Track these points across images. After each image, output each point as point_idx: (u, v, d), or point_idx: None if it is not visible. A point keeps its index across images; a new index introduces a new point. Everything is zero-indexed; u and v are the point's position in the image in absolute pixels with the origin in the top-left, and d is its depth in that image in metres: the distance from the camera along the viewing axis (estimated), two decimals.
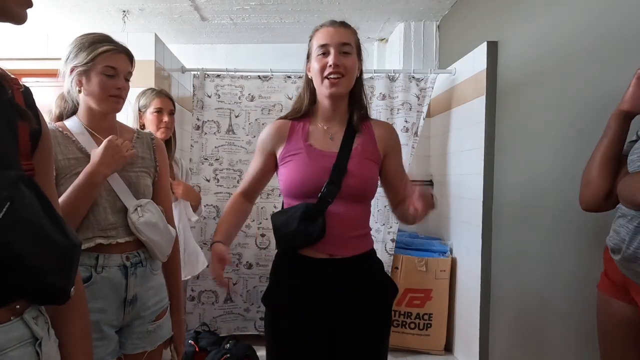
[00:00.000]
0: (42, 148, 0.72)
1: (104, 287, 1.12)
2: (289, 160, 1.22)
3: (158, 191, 1.29)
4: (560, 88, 1.69)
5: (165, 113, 1.91)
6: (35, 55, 2.71)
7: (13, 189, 0.59)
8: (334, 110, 1.23)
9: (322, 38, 1.18)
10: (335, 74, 1.15)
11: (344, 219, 1.17)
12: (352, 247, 1.20)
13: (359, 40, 1.24)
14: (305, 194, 1.18)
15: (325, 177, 1.16)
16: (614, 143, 1.10)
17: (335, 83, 1.16)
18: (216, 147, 2.84)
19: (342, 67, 1.15)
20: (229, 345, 2.30)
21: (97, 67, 1.14)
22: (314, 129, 1.25)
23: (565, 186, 1.63)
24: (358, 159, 1.19)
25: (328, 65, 1.15)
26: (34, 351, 0.64)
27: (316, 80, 1.20)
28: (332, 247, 1.17)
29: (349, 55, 1.17)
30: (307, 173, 1.18)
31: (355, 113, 1.24)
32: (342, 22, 1.22)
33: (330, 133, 1.23)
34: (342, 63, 1.16)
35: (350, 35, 1.20)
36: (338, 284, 1.18)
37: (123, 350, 1.20)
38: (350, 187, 1.16)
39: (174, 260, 1.34)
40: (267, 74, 2.86)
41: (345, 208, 1.17)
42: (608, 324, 1.14)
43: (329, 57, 1.16)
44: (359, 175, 1.18)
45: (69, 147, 1.16)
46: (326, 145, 1.21)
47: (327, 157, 1.19)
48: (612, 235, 1.09)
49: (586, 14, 1.54)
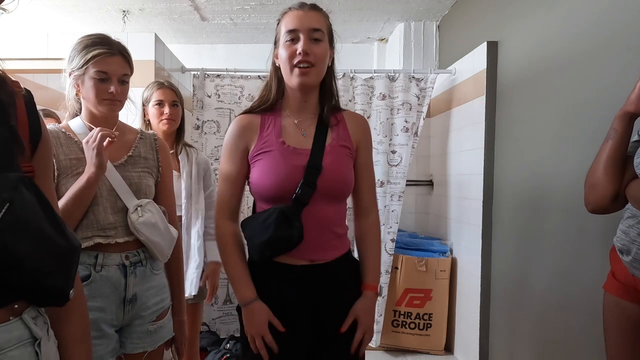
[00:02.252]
0: (42, 150, 0.72)
1: (103, 286, 1.12)
2: (259, 158, 1.11)
3: (160, 191, 1.30)
4: (560, 88, 1.69)
5: (166, 105, 1.80)
6: (36, 54, 2.71)
7: (13, 191, 0.59)
8: (304, 101, 1.14)
9: (290, 22, 1.07)
10: (305, 62, 1.05)
11: (321, 220, 1.09)
12: (331, 249, 1.12)
13: (330, 25, 1.14)
14: (279, 197, 1.07)
15: (299, 176, 1.06)
16: (620, 145, 1.10)
17: (306, 72, 1.06)
18: (216, 147, 2.84)
19: (312, 55, 1.05)
20: (229, 345, 2.31)
21: (89, 72, 1.14)
22: (285, 123, 1.14)
23: (565, 186, 1.63)
24: (333, 155, 1.11)
25: (297, 53, 1.05)
26: (34, 351, 0.64)
27: (284, 69, 1.10)
28: (312, 251, 1.09)
29: (319, 43, 1.07)
30: (280, 173, 1.07)
31: (326, 105, 1.15)
32: (313, 4, 1.12)
33: (302, 128, 1.13)
34: (313, 51, 1.05)
35: (321, 19, 1.09)
36: (321, 292, 1.10)
37: (123, 350, 1.20)
38: (326, 186, 1.07)
39: (177, 261, 1.34)
40: (267, 74, 2.86)
41: (321, 208, 1.08)
42: (615, 324, 1.13)
43: (298, 44, 1.05)
44: (335, 172, 1.09)
45: (71, 147, 1.16)
46: (299, 142, 1.11)
47: (300, 155, 1.09)
48: (620, 236, 1.09)
49: (586, 13, 1.54)
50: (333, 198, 1.11)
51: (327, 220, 1.11)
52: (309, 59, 1.05)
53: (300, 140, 1.12)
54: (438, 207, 2.96)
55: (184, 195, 1.82)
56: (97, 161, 1.09)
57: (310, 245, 1.08)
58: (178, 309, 1.33)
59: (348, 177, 1.13)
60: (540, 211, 1.79)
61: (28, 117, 0.69)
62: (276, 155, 1.09)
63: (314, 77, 1.08)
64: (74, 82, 1.17)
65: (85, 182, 1.09)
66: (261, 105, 1.15)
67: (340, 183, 1.11)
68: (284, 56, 1.08)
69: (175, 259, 1.33)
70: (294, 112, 1.15)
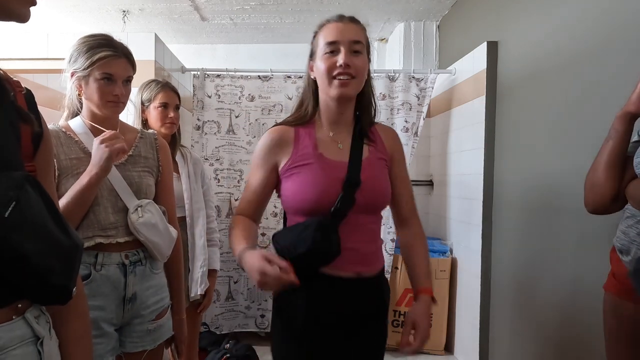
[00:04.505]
0: (44, 150, 0.73)
1: (102, 284, 1.12)
2: (295, 172, 1.09)
3: (161, 191, 1.30)
4: (560, 88, 1.69)
5: (170, 108, 1.75)
6: (36, 54, 2.71)
7: (19, 189, 0.59)
8: (340, 114, 1.12)
9: (330, 35, 1.06)
10: (346, 74, 1.04)
11: (362, 232, 1.09)
12: (375, 261, 1.13)
13: (367, 38, 1.13)
14: (316, 210, 1.05)
15: (338, 189, 1.05)
16: (620, 145, 1.09)
17: (346, 84, 1.05)
18: (216, 147, 2.84)
19: (353, 67, 1.04)
20: (229, 345, 2.30)
21: (94, 74, 1.14)
22: (320, 136, 1.13)
23: (565, 185, 1.63)
24: (371, 169, 1.10)
25: (338, 65, 1.04)
26: (36, 350, 0.65)
27: (322, 81, 1.08)
28: (358, 263, 1.08)
29: (359, 55, 1.06)
30: (319, 186, 1.05)
31: (364, 117, 1.15)
32: (352, 17, 1.10)
33: (337, 140, 1.13)
34: (353, 63, 1.04)
35: (360, 32, 1.09)
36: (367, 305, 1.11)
37: (123, 349, 1.20)
38: (365, 199, 1.07)
39: (177, 261, 1.35)
40: (267, 74, 2.86)
41: (361, 220, 1.08)
42: (615, 324, 1.13)
43: (338, 56, 1.04)
44: (373, 186, 1.09)
45: (71, 147, 1.16)
46: (336, 154, 1.10)
47: (338, 168, 1.08)
48: (620, 236, 1.09)
49: (586, 14, 1.54)
50: (371, 210, 1.11)
51: (368, 232, 1.11)
52: (350, 71, 1.04)
53: (337, 153, 1.11)
54: (438, 207, 2.96)
55: (186, 196, 1.80)
56: (105, 165, 1.09)
57: (355, 258, 1.07)
58: (177, 308, 1.34)
59: (386, 190, 1.13)
60: (540, 211, 1.79)
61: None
62: (315, 169, 1.07)
63: (353, 88, 1.07)
64: (76, 83, 1.17)
65: (87, 182, 1.09)
66: (298, 120, 1.15)
67: (379, 196, 1.11)
68: (322, 68, 1.06)
69: (175, 259, 1.33)
70: (330, 124, 1.14)
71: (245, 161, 2.88)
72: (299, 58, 3.50)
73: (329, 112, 1.13)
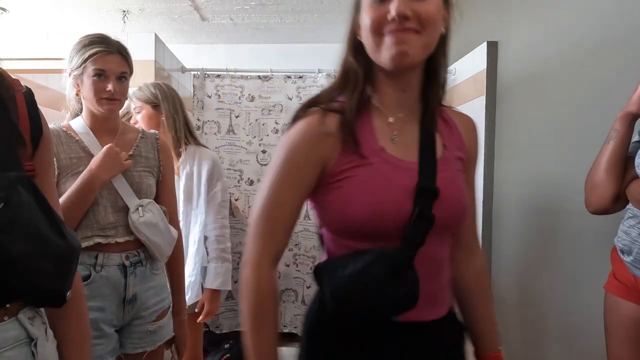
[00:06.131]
0: (43, 149, 0.72)
1: (102, 286, 1.12)
2: (348, 176, 0.73)
3: (161, 191, 1.30)
4: (560, 88, 1.69)
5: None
6: (36, 54, 2.71)
7: (9, 190, 0.58)
8: (402, 90, 0.77)
9: None
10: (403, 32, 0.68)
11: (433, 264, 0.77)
12: (442, 302, 0.81)
13: None
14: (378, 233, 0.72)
15: (407, 201, 0.72)
16: (621, 145, 1.10)
17: (404, 40, 0.68)
18: (217, 147, 2.84)
19: (414, 17, 0.67)
20: (229, 345, 2.31)
21: (88, 71, 1.15)
22: (379, 123, 0.77)
23: (566, 186, 1.63)
24: (448, 172, 0.76)
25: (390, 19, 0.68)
26: (30, 351, 0.64)
27: (370, 42, 0.72)
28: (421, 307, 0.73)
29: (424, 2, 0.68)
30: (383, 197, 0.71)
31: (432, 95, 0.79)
32: None
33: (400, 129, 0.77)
34: (415, 10, 0.67)
35: None
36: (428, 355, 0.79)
37: (123, 350, 1.20)
38: (443, 217, 0.73)
39: (177, 261, 1.35)
40: (267, 74, 2.86)
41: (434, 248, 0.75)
42: (617, 325, 1.13)
43: (390, 4, 0.68)
44: (453, 197, 0.76)
45: (72, 146, 1.16)
46: (400, 150, 0.76)
47: (406, 170, 0.74)
48: (622, 236, 1.09)
49: (587, 14, 1.54)
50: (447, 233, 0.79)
51: (439, 264, 0.79)
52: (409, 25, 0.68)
53: (402, 149, 0.76)
54: None
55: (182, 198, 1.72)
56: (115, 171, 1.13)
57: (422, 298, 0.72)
58: (178, 309, 1.34)
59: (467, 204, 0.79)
60: (541, 211, 1.79)
61: (29, 115, 0.69)
62: (376, 170, 0.73)
63: (416, 48, 0.69)
64: (73, 82, 1.18)
65: (88, 183, 1.09)
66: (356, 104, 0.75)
67: (460, 212, 0.78)
68: (367, 23, 0.70)
69: (176, 259, 1.33)
70: (389, 106, 0.78)
71: (245, 161, 2.88)
72: (299, 58, 3.52)
73: (385, 87, 0.77)
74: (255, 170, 2.88)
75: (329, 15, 2.93)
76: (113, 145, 1.14)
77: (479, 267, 0.90)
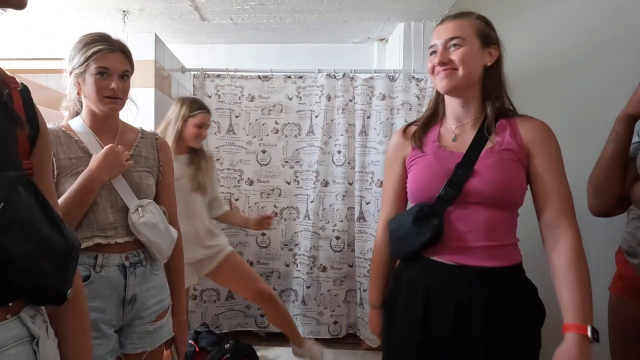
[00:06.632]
0: (41, 147, 0.72)
1: (102, 286, 1.12)
2: (415, 163, 1.15)
3: (161, 191, 1.29)
4: (560, 88, 1.69)
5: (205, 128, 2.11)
6: (36, 54, 2.71)
7: (9, 190, 0.58)
8: (461, 107, 1.12)
9: (433, 37, 1.11)
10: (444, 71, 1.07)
11: (473, 224, 1.04)
12: (484, 257, 1.03)
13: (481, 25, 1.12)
14: (426, 197, 1.08)
15: (445, 179, 1.06)
16: (621, 147, 1.09)
17: (447, 75, 1.06)
18: (217, 147, 2.84)
19: (449, 62, 1.06)
20: (229, 345, 2.30)
21: (90, 69, 1.14)
22: (444, 130, 1.15)
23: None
24: (492, 159, 1.04)
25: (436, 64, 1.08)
26: (32, 349, 0.64)
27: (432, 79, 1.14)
28: (459, 253, 1.04)
29: (459, 48, 1.06)
30: (429, 174, 1.09)
31: (489, 107, 1.10)
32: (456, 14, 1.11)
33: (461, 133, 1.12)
34: (450, 57, 1.06)
35: (459, 26, 1.08)
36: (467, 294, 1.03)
37: (123, 350, 1.20)
38: (478, 190, 1.02)
39: (177, 261, 1.34)
40: (267, 74, 2.86)
41: (475, 212, 1.04)
42: (622, 326, 1.13)
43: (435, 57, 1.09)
44: (488, 176, 1.03)
45: (71, 146, 1.16)
46: (456, 146, 1.10)
47: (455, 158, 1.07)
48: (627, 238, 1.09)
49: (587, 14, 1.54)
50: (492, 204, 1.04)
51: (480, 226, 1.04)
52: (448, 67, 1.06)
53: (458, 145, 1.10)
54: None
55: None
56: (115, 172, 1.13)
57: (458, 247, 1.04)
58: (178, 309, 1.33)
59: (506, 182, 1.03)
60: None
61: (25, 113, 0.69)
62: (429, 158, 1.11)
63: (455, 80, 1.06)
64: (74, 81, 1.17)
65: (87, 184, 1.09)
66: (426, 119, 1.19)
67: (493, 188, 1.02)
68: (429, 68, 1.12)
69: (176, 260, 1.33)
70: (453, 118, 1.14)
71: (245, 161, 2.88)
72: (299, 58, 3.52)
73: (449, 105, 1.15)
74: (255, 170, 2.88)
75: (329, 15, 2.93)
76: (114, 146, 1.14)
77: (561, 244, 1.02)
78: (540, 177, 1.05)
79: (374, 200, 2.76)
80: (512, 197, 1.05)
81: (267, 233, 2.86)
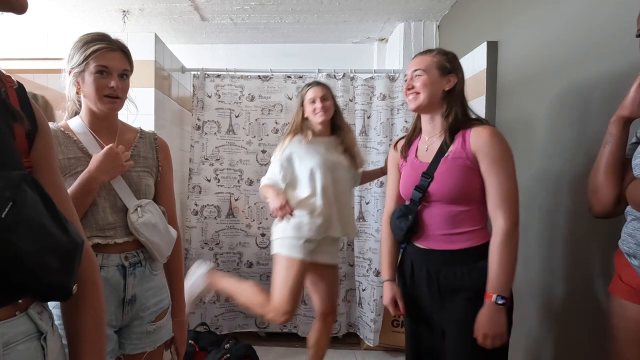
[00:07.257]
0: (40, 144, 0.71)
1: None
2: (402, 170, 1.50)
3: (160, 191, 1.29)
4: (560, 88, 1.68)
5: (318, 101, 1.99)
6: (36, 54, 2.71)
7: (16, 189, 0.59)
8: (429, 123, 1.42)
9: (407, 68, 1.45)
10: (410, 95, 1.40)
11: (439, 217, 1.36)
12: (451, 242, 1.34)
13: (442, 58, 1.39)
14: (407, 198, 1.44)
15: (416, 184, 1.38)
16: (617, 149, 1.10)
17: (414, 98, 1.39)
18: (217, 147, 2.84)
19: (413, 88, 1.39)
20: (229, 345, 2.30)
21: (89, 67, 1.14)
22: (421, 143, 1.46)
23: (566, 186, 1.63)
24: (446, 166, 1.33)
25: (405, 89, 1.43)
26: (39, 345, 0.65)
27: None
28: (436, 241, 1.38)
29: (420, 77, 1.38)
30: (405, 180, 1.45)
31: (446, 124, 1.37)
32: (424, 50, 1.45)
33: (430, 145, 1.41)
34: (413, 85, 1.39)
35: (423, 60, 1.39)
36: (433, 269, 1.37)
37: (122, 351, 1.20)
38: (434, 191, 1.34)
39: (177, 261, 1.34)
40: (267, 74, 2.86)
41: (439, 208, 1.36)
42: (622, 327, 1.12)
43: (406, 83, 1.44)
44: (444, 181, 1.32)
45: (70, 146, 1.16)
46: (425, 157, 1.41)
47: (423, 167, 1.38)
48: (627, 239, 1.08)
49: (587, 14, 1.54)
50: (449, 201, 1.34)
51: (444, 219, 1.35)
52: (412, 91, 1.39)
53: (427, 156, 1.40)
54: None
55: None
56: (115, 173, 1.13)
57: (434, 236, 1.38)
58: (177, 310, 1.33)
59: (457, 184, 1.31)
60: (541, 212, 1.79)
61: (21, 111, 0.68)
62: (408, 167, 1.46)
63: (419, 101, 1.38)
64: (74, 80, 1.17)
65: (86, 185, 1.09)
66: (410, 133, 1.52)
67: (448, 189, 1.32)
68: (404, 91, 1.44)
69: (175, 259, 1.33)
70: (426, 132, 1.45)
71: (245, 161, 2.88)
72: (299, 58, 3.52)
73: (423, 122, 1.45)
74: (255, 170, 2.88)
75: (329, 15, 2.93)
76: (114, 146, 1.14)
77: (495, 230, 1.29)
78: (485, 178, 1.31)
79: (373, 200, 2.77)
80: (465, 195, 1.32)
81: (267, 234, 2.86)
